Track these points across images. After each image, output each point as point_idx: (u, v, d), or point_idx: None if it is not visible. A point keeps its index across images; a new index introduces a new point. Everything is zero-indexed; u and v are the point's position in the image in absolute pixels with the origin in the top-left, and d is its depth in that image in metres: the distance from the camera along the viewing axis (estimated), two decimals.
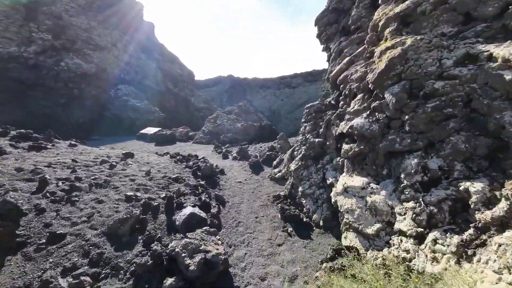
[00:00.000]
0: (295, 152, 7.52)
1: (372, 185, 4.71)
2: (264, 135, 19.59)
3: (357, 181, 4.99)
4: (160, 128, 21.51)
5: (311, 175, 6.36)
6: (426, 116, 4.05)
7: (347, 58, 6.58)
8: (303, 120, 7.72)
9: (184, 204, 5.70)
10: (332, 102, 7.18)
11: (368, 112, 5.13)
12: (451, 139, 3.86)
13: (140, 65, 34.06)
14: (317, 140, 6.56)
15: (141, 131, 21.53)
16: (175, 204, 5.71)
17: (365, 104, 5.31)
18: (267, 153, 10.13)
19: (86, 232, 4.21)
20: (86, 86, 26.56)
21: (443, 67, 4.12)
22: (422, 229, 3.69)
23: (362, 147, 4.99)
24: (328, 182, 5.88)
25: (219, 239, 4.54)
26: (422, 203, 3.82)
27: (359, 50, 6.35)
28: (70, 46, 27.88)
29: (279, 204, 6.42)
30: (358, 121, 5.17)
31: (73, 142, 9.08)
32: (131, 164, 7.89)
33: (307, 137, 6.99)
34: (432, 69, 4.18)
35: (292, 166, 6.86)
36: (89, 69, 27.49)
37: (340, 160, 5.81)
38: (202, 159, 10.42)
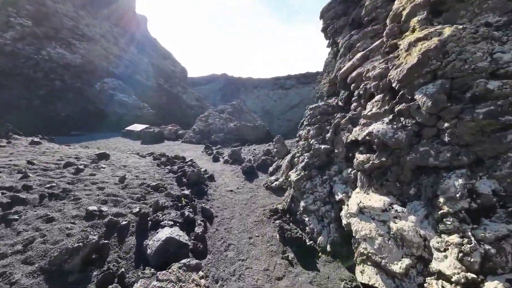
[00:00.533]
0: (295, 159, 6.49)
1: (396, 207, 3.74)
2: (258, 136, 18.55)
3: (376, 200, 4.01)
4: (147, 125, 20.04)
5: (315, 188, 5.34)
6: (476, 124, 3.10)
7: (360, 53, 5.60)
8: (305, 122, 6.70)
9: (162, 222, 4.54)
10: (340, 103, 6.21)
11: (391, 117, 4.16)
12: (509, 155, 2.93)
13: (131, 59, 32.21)
14: (323, 147, 5.55)
15: (127, 128, 19.98)
16: (150, 222, 4.53)
17: (387, 107, 4.34)
18: (262, 157, 9.07)
19: (15, 270, 2.98)
20: (70, 77, 24.58)
21: (498, 62, 3.19)
22: (474, 275, 2.72)
23: (383, 159, 4.01)
24: (337, 198, 4.88)
25: (202, 276, 3.42)
26: (472, 239, 2.86)
27: (375, 44, 5.39)
28: (53, 34, 25.79)
29: (277, 221, 5.37)
30: (378, 127, 4.18)
31: (36, 139, 7.67)
32: (104, 168, 6.61)
33: (311, 142, 5.97)
34: (483, 65, 3.25)
35: (293, 176, 5.82)
36: (73, 60, 25.51)
37: (352, 173, 4.82)
38: (189, 162, 9.22)
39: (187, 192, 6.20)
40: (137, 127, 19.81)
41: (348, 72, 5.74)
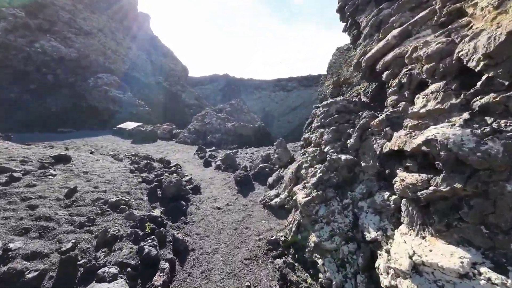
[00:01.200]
0: (303, 171, 4.84)
1: (486, 271, 2.09)
2: (258, 138, 16.92)
3: (444, 253, 2.35)
4: (140, 123, 18.43)
5: (332, 216, 3.69)
6: None
7: (397, 30, 3.96)
8: (316, 123, 5.05)
9: (100, 270, 2.89)
10: (365, 99, 4.59)
11: (466, 116, 2.51)
12: None
13: (129, 55, 30.69)
14: (343, 157, 3.90)
15: (119, 126, 18.39)
16: (81, 270, 2.88)
17: (455, 100, 2.69)
18: (260, 165, 7.41)
19: None
20: (63, 72, 23.03)
21: None
22: None
23: (457, 184, 2.36)
24: (368, 236, 3.22)
25: None
26: None
27: (420, 15, 3.74)
28: (48, 27, 24.29)
29: (277, 260, 3.72)
30: (445, 132, 2.53)
31: None
32: (53, 176, 4.98)
33: (325, 150, 4.32)
34: None
35: (300, 195, 4.17)
36: (68, 54, 23.96)
37: (392, 199, 3.16)
38: (173, 167, 7.58)
39: (157, 211, 4.56)
40: (129, 125, 18.21)
41: (379, 55, 4.10)
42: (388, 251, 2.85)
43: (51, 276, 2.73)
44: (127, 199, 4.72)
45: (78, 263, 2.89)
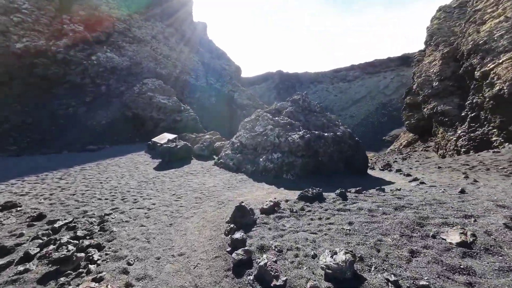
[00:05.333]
0: None
1: None
2: (343, 157, 8.15)
3: None
4: (174, 136, 12.38)
5: None
6: None
7: None
8: None
9: None
10: None
11: None
12: None
13: (181, 59, 26.17)
14: None
15: (153, 139, 12.88)
16: None
17: None
18: None
19: None
20: (115, 81, 19.69)
21: None
22: None
23: None
24: None
25: None
26: None
27: None
28: (105, 38, 21.54)
29: None
30: None
31: None
32: None
33: None
34: None
35: None
36: (120, 62, 20.57)
37: None
38: None
39: None
40: (164, 137, 12.40)
41: None
42: None
43: None
44: None
45: None
